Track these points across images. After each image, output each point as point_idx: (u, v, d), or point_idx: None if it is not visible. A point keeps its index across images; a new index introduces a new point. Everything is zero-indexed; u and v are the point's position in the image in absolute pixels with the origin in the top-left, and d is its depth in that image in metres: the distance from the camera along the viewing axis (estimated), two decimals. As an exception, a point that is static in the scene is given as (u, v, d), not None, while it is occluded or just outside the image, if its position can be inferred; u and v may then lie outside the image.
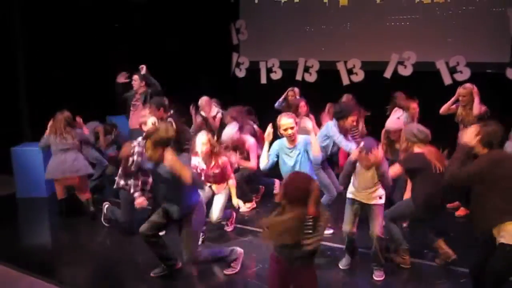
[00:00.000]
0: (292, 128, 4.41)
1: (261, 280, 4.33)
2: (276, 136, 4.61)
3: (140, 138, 4.85)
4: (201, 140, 4.89)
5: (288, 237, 2.85)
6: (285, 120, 4.44)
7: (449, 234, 5.00)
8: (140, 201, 4.87)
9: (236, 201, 5.14)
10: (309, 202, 2.82)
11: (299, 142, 4.44)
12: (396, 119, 5.71)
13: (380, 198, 4.24)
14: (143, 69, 7.27)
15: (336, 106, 5.43)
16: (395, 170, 4.32)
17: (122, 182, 5.13)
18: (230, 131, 5.71)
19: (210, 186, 5.19)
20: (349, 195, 4.38)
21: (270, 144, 4.59)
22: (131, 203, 4.99)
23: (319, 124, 6.84)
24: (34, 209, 6.40)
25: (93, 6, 8.51)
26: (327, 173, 5.27)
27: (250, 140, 5.94)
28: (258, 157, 5.59)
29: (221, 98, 9.79)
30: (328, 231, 5.11)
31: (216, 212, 5.09)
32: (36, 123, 7.85)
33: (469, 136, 3.47)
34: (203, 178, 5.02)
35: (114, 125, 7.22)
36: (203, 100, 6.79)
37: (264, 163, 4.54)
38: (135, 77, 7.24)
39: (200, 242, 4.71)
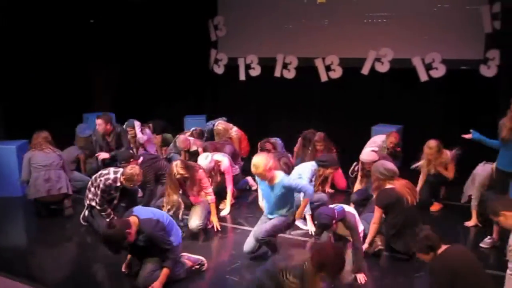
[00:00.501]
0: (259, 173, 4.39)
1: (241, 277, 4.34)
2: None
3: (112, 168, 5.29)
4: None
5: None
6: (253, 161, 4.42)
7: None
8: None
9: (215, 220, 5.30)
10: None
11: (278, 183, 4.42)
12: (370, 151, 5.90)
13: None
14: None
15: (324, 156, 5.77)
16: (376, 216, 4.59)
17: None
18: (203, 162, 5.67)
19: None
20: None
21: None
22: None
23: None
24: (9, 208, 6.25)
25: (67, 2, 8.33)
26: None
27: (224, 162, 5.96)
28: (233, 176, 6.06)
29: (200, 95, 9.80)
30: None
31: (195, 220, 5.13)
32: (10, 122, 7.71)
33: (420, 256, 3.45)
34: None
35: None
36: (180, 142, 6.68)
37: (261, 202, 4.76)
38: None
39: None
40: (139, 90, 9.67)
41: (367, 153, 5.87)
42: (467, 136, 5.04)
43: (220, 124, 7.37)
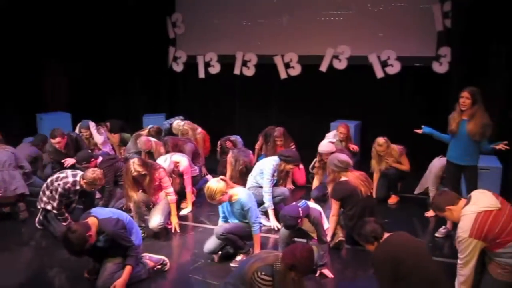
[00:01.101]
0: (217, 202, 4.42)
1: (204, 276, 4.32)
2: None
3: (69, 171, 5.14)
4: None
5: None
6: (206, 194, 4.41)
7: (384, 221, 5.23)
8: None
9: (175, 221, 5.24)
10: None
11: (236, 200, 4.44)
12: (328, 142, 6.16)
13: None
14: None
15: (287, 151, 5.82)
16: (334, 208, 4.72)
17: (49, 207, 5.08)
18: (162, 165, 5.57)
19: None
20: None
21: None
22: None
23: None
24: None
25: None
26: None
27: (183, 162, 5.90)
28: (193, 177, 6.04)
29: (159, 93, 9.65)
30: None
31: (156, 219, 5.06)
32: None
33: (368, 247, 3.55)
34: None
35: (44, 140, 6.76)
36: (142, 143, 6.54)
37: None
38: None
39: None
40: (96, 89, 9.44)
41: (325, 144, 6.05)
42: (419, 131, 5.20)
43: (186, 124, 7.29)
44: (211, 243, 4.58)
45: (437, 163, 5.63)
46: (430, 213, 5.66)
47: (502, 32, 6.46)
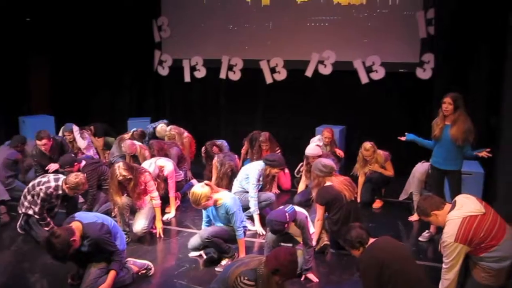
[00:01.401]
0: (202, 207, 4.44)
1: (189, 280, 4.29)
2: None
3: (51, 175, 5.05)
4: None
5: None
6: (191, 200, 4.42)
7: (368, 225, 5.27)
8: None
9: (159, 226, 5.20)
10: None
11: (221, 205, 4.45)
12: (315, 146, 6.26)
13: None
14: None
15: (272, 155, 5.82)
16: (319, 213, 4.73)
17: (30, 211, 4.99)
18: (148, 168, 5.56)
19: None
20: None
21: None
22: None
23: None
24: None
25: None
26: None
27: (168, 167, 5.87)
28: (177, 182, 6.01)
29: (144, 97, 9.59)
30: None
31: (140, 223, 5.03)
32: None
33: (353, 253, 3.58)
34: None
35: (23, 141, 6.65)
36: (127, 147, 6.49)
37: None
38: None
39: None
40: (80, 92, 9.34)
41: (312, 147, 6.13)
42: (402, 138, 5.25)
43: (173, 129, 7.25)
44: (195, 240, 4.57)
45: (420, 168, 5.69)
46: (413, 218, 5.71)
47: (484, 39, 6.58)
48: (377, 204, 6.25)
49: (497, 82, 6.38)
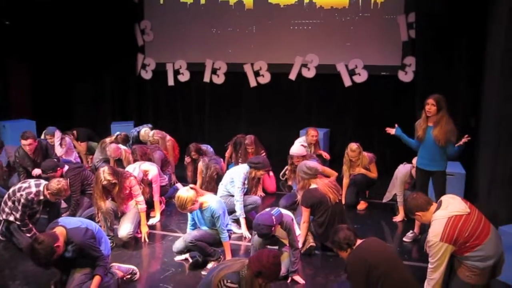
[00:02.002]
0: (188, 211, 4.46)
1: (174, 285, 4.26)
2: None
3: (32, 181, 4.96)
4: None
5: None
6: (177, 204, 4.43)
7: (353, 226, 5.29)
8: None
9: (145, 231, 5.17)
10: None
11: (206, 208, 4.45)
12: (299, 145, 6.27)
13: None
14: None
15: (256, 158, 5.81)
16: (305, 215, 4.73)
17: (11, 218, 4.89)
18: (132, 172, 5.50)
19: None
20: None
21: None
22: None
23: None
24: None
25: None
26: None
27: (152, 171, 5.83)
28: (161, 187, 5.99)
29: (127, 101, 9.51)
30: None
31: (125, 228, 4.98)
32: None
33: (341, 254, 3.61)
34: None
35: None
36: (112, 151, 6.42)
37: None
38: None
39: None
40: (62, 96, 9.23)
41: (297, 147, 6.17)
42: (391, 131, 5.26)
43: (156, 133, 7.20)
44: (180, 244, 4.54)
45: (402, 169, 5.76)
46: (398, 218, 5.78)
47: (464, 42, 6.71)
48: (362, 205, 6.29)
49: (476, 84, 6.51)
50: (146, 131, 7.41)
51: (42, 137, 7.21)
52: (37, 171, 6.02)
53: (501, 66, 5.17)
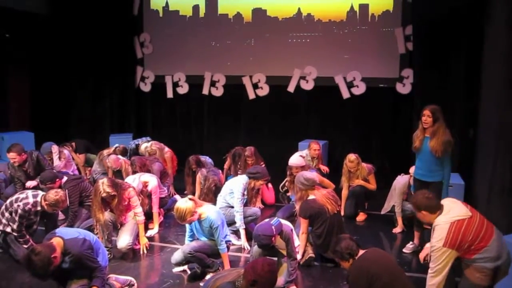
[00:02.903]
0: (187, 222, 4.45)
1: (172, 296, 4.23)
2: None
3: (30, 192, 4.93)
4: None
5: None
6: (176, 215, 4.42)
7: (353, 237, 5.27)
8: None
9: (143, 242, 5.15)
10: None
11: (205, 219, 4.45)
12: (299, 156, 6.27)
13: None
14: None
15: (254, 168, 5.79)
16: (303, 226, 4.73)
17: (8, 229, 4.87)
18: (131, 183, 5.49)
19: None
20: None
21: None
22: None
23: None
24: None
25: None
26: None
27: (152, 182, 5.83)
28: (161, 199, 5.94)
29: (126, 113, 9.53)
30: None
31: (124, 239, 4.97)
32: None
33: (342, 264, 3.60)
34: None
35: None
36: (111, 161, 6.43)
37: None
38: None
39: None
40: (61, 108, 9.24)
41: (295, 158, 6.18)
42: None
43: (154, 144, 7.20)
44: (178, 255, 4.51)
45: (401, 180, 5.75)
46: (397, 229, 5.75)
47: (461, 54, 6.77)
48: (361, 217, 6.27)
49: (473, 95, 6.54)
50: (146, 148, 7.34)
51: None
52: (30, 183, 6.00)
53: (499, 76, 5.20)
